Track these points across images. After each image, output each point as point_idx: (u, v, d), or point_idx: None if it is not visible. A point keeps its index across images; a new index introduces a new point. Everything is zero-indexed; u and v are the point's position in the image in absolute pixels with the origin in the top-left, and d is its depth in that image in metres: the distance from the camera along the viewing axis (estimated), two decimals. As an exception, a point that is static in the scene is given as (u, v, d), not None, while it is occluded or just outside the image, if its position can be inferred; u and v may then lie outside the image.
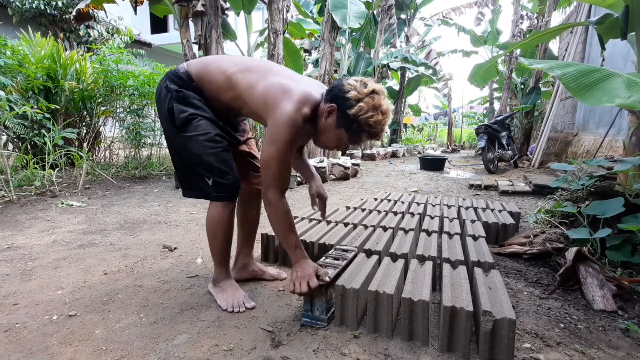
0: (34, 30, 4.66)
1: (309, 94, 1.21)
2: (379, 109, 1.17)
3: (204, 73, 1.31)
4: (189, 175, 1.36)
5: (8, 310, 1.32)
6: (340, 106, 1.19)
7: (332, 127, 1.23)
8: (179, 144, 1.31)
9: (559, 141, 6.77)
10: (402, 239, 1.72)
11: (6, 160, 3.22)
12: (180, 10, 4.55)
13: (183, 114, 1.26)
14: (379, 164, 7.34)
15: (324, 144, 1.31)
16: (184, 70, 1.32)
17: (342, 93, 1.18)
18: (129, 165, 4.75)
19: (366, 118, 1.16)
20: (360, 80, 1.20)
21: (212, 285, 1.46)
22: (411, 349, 1.11)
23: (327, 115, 1.22)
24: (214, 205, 1.35)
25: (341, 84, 1.21)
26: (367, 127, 1.18)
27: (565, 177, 2.20)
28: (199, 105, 1.30)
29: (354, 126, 1.19)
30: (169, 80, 1.31)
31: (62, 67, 4.31)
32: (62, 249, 1.98)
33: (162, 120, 1.34)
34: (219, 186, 1.31)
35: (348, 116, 1.18)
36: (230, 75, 1.27)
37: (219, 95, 1.31)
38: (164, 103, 1.30)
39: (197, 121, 1.27)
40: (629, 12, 2.15)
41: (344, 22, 6.11)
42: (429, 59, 10.82)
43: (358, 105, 1.16)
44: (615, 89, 1.42)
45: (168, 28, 13.36)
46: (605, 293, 1.43)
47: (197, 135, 1.27)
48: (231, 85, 1.27)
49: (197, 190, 1.35)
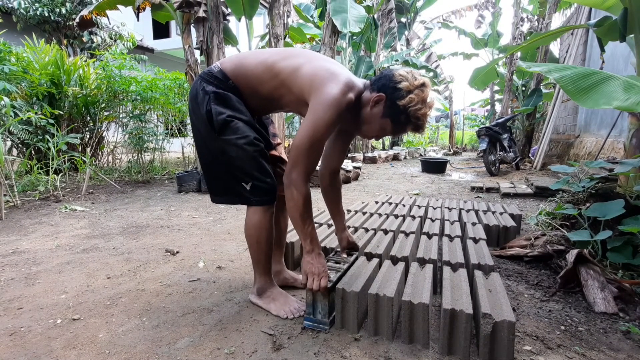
0: (38, 36, 4.72)
1: (354, 81, 1.21)
2: (426, 102, 1.17)
3: (240, 69, 1.27)
4: (224, 180, 1.31)
5: (13, 314, 1.34)
6: (390, 96, 1.17)
7: (377, 116, 1.21)
8: (216, 148, 1.27)
9: (560, 143, 6.76)
10: (403, 242, 1.73)
11: (11, 165, 3.25)
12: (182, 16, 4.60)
13: (221, 115, 1.23)
14: (381, 167, 7.34)
15: (366, 133, 1.28)
16: (218, 69, 1.28)
17: (393, 83, 1.17)
18: (132, 170, 4.78)
19: (415, 110, 1.15)
20: (410, 72, 1.19)
21: (255, 296, 1.41)
22: (412, 351, 1.11)
23: (374, 104, 1.20)
24: (253, 210, 1.32)
25: (392, 74, 1.19)
26: (414, 119, 1.17)
27: (566, 179, 2.20)
28: (237, 106, 1.26)
29: (402, 117, 1.18)
30: (205, 81, 1.27)
31: (65, 73, 4.36)
32: (65, 254, 2.00)
33: (198, 123, 1.28)
34: (259, 190, 1.28)
35: (398, 107, 1.16)
36: (272, 64, 1.23)
37: (259, 87, 1.26)
38: (201, 105, 1.25)
39: (235, 124, 1.24)
40: (627, 14, 2.16)
41: (345, 27, 6.15)
42: (430, 61, 10.83)
43: (409, 96, 1.15)
44: (613, 92, 1.43)
45: (170, 34, 13.48)
46: (606, 295, 1.42)
47: (237, 138, 1.23)
48: (273, 74, 1.23)
49: (235, 196, 1.31)
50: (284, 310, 1.33)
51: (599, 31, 2.48)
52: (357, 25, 6.37)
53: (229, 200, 1.34)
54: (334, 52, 6.12)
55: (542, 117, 7.95)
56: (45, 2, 7.77)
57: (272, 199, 1.32)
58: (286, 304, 1.35)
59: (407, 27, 10.86)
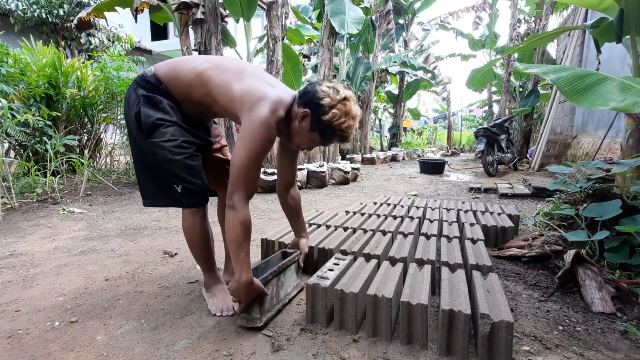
0: (35, 38, 4.72)
1: (282, 97, 1.25)
2: (349, 114, 1.23)
3: (173, 73, 1.29)
4: (156, 182, 1.33)
5: (10, 317, 1.33)
6: (314, 112, 1.23)
7: (305, 130, 1.27)
8: (147, 150, 1.28)
9: (558, 143, 6.79)
10: (401, 242, 1.73)
11: (8, 167, 3.24)
12: (180, 18, 4.60)
13: (149, 118, 1.24)
14: (379, 168, 7.35)
15: (297, 144, 1.34)
16: (151, 73, 1.30)
17: (316, 99, 1.23)
18: (130, 172, 4.77)
19: (339, 124, 1.22)
20: (332, 87, 1.25)
21: (204, 290, 1.48)
22: (410, 352, 1.12)
23: (301, 119, 1.26)
24: (185, 213, 1.35)
25: (315, 90, 1.25)
26: (339, 132, 1.24)
27: (564, 179, 2.20)
28: (167, 110, 1.28)
29: (327, 131, 1.25)
30: (138, 85, 1.29)
31: (63, 74, 4.35)
32: (63, 256, 1.99)
33: (130, 125, 1.30)
34: (189, 192, 1.29)
35: (322, 122, 1.23)
36: (202, 72, 1.26)
37: (190, 93, 1.29)
38: (132, 108, 1.27)
39: (164, 127, 1.25)
40: (623, 16, 2.17)
41: (343, 28, 6.16)
42: (428, 63, 10.85)
43: (332, 111, 1.21)
44: (609, 93, 1.44)
45: (168, 35, 13.49)
46: (603, 295, 1.43)
47: (164, 141, 1.25)
48: (202, 82, 1.26)
49: (167, 198, 1.32)
50: (217, 306, 1.37)
51: (595, 32, 2.50)
52: (355, 26, 6.38)
53: (162, 202, 1.34)
54: (332, 53, 6.13)
55: (539, 118, 7.98)
56: (43, 3, 7.77)
57: (202, 200, 1.34)
58: (222, 301, 1.38)
59: (404, 29, 10.89)
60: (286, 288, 1.44)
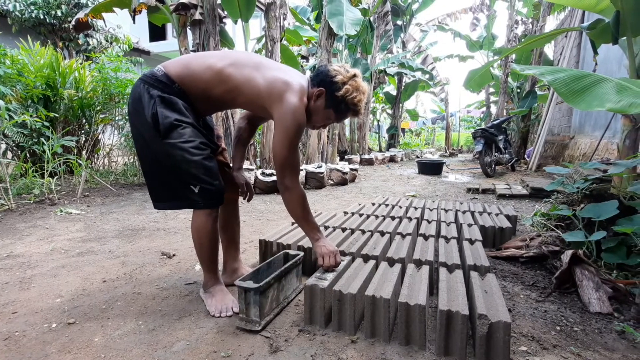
0: (33, 39, 4.70)
1: (302, 84, 1.34)
2: (360, 89, 1.34)
3: (187, 72, 1.29)
4: (170, 184, 1.31)
5: (7, 319, 1.33)
6: (328, 89, 1.33)
7: (320, 108, 1.36)
8: (162, 152, 1.26)
9: (555, 144, 6.81)
10: (400, 243, 1.74)
11: (5, 168, 3.23)
12: (178, 19, 4.60)
13: (167, 119, 1.24)
14: (377, 169, 7.36)
15: (314, 123, 1.42)
16: (162, 72, 1.28)
17: (329, 77, 1.33)
18: (128, 173, 4.76)
19: (352, 98, 1.33)
20: (342, 66, 1.36)
21: (202, 291, 1.48)
22: (408, 353, 1.12)
23: (316, 98, 1.35)
24: (198, 214, 1.35)
25: (327, 70, 1.35)
26: (352, 106, 1.35)
27: (561, 180, 2.21)
28: (183, 111, 1.28)
29: (341, 106, 1.35)
30: (148, 84, 1.27)
31: (61, 75, 4.34)
32: (61, 257, 1.98)
33: (142, 127, 1.28)
34: (207, 193, 1.29)
35: (336, 98, 1.33)
36: (221, 70, 1.28)
37: (208, 91, 1.30)
38: (147, 108, 1.24)
39: (182, 128, 1.26)
40: (619, 17, 2.18)
41: (341, 29, 6.17)
42: (426, 64, 10.88)
43: (345, 87, 1.32)
44: (605, 94, 1.44)
45: (166, 36, 13.48)
46: (601, 295, 1.44)
47: (183, 142, 1.25)
48: (222, 79, 1.28)
49: (182, 200, 1.31)
50: (216, 307, 1.37)
51: (591, 34, 2.51)
52: (353, 27, 6.39)
53: (176, 205, 1.33)
54: (330, 54, 6.13)
55: (537, 119, 8.01)
56: (40, 4, 7.75)
57: (218, 202, 1.36)
58: (221, 302, 1.38)
59: (403, 30, 10.92)
60: (286, 292, 1.44)
